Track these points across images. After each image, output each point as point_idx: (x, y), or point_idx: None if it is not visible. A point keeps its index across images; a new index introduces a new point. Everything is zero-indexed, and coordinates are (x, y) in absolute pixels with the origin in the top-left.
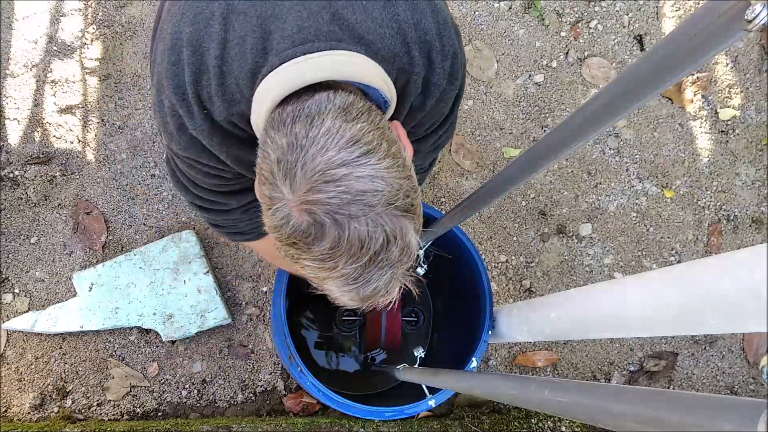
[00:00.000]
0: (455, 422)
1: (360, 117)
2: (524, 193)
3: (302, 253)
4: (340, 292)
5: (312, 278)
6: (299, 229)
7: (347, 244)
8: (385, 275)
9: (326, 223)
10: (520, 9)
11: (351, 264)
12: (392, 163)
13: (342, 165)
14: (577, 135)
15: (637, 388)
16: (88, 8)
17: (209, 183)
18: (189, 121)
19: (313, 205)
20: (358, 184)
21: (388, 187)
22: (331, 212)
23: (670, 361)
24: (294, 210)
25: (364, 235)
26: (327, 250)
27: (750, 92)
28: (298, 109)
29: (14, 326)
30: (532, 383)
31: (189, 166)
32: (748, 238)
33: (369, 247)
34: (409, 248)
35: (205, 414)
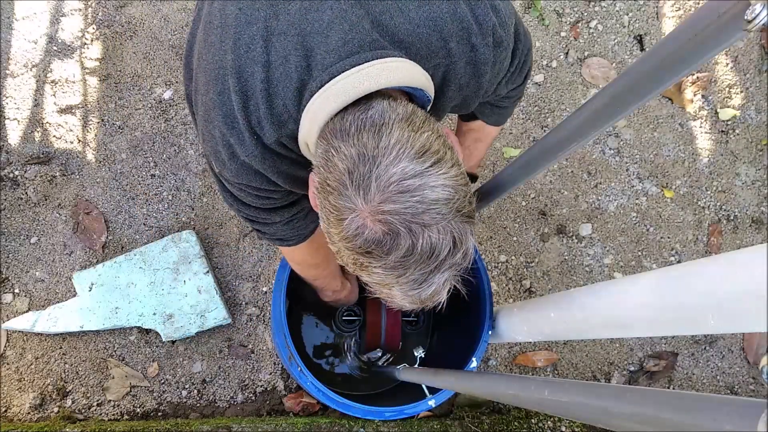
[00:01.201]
0: (455, 422)
1: (423, 126)
2: (524, 193)
3: (374, 262)
4: (402, 296)
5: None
6: (374, 238)
7: (420, 252)
8: (445, 278)
9: (401, 233)
10: (520, 9)
11: (420, 270)
12: (458, 171)
13: (416, 176)
14: (577, 135)
15: (637, 388)
16: (88, 8)
17: (258, 203)
18: (240, 148)
19: (388, 215)
20: (432, 193)
21: (457, 194)
22: (407, 222)
23: (670, 361)
24: (368, 220)
25: (435, 243)
26: (400, 258)
27: (750, 92)
28: (361, 118)
29: (14, 326)
30: (532, 383)
31: (240, 190)
32: (748, 238)
33: (439, 254)
34: (469, 252)
35: (205, 414)
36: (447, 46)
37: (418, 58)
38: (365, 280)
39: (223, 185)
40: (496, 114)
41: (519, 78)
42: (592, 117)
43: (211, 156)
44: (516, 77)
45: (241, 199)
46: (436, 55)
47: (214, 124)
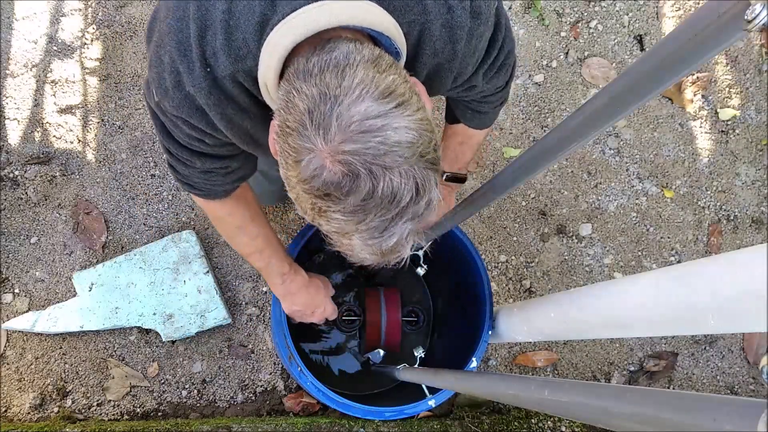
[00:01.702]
0: (455, 422)
1: (390, 69)
2: (524, 193)
3: (332, 206)
4: (362, 246)
5: (333, 233)
6: (333, 180)
7: (380, 196)
8: (407, 228)
9: (361, 174)
10: (520, 9)
11: (380, 216)
12: (423, 116)
13: (379, 116)
14: (577, 135)
15: (637, 388)
16: (88, 8)
17: (186, 141)
18: (188, 77)
19: (348, 156)
20: (395, 135)
21: (421, 138)
22: (367, 163)
23: (670, 361)
24: (327, 160)
25: (397, 187)
26: (359, 201)
27: (750, 92)
28: (325, 59)
29: (14, 326)
30: (532, 383)
31: (173, 124)
32: (748, 238)
33: (400, 200)
34: (432, 202)
35: (205, 414)
36: (423, 2)
37: (392, 9)
38: (324, 230)
39: (156, 116)
40: (477, 119)
41: (498, 77)
42: (592, 117)
43: (154, 83)
44: (496, 75)
45: (171, 132)
46: (411, 11)
47: (166, 50)
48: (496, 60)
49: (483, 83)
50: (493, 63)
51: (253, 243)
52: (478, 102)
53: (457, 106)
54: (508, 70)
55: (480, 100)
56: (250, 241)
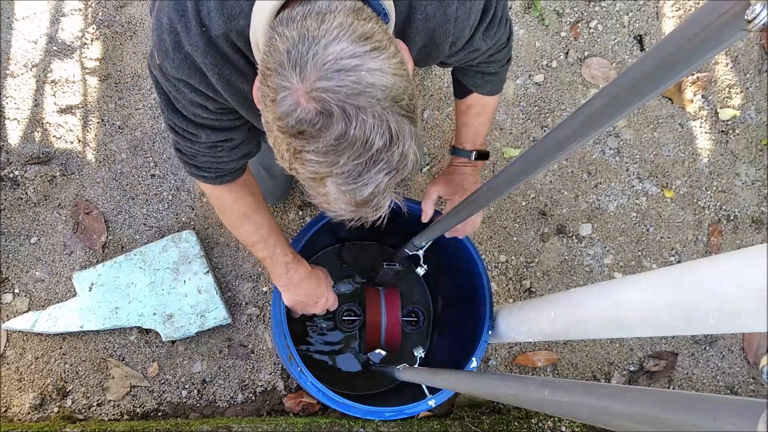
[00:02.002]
0: (455, 422)
1: (370, 20)
2: (524, 193)
3: (306, 145)
4: (337, 193)
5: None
6: (306, 117)
7: (353, 136)
8: (382, 180)
9: (335, 112)
10: (520, 9)
11: (353, 160)
12: (399, 64)
13: (354, 56)
14: (577, 135)
15: (637, 388)
16: (88, 8)
17: (189, 110)
18: (186, 37)
19: (322, 93)
20: (369, 76)
21: (395, 84)
22: (341, 101)
23: (670, 361)
24: (302, 98)
25: (370, 129)
26: (333, 141)
27: (750, 92)
28: (308, 8)
29: (14, 326)
30: (532, 383)
31: (176, 89)
32: (748, 238)
33: (373, 143)
34: (407, 156)
35: (205, 414)
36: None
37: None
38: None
39: (160, 87)
40: (489, 83)
41: (499, 34)
42: (592, 117)
43: (156, 46)
44: (495, 32)
45: (174, 103)
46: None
47: (164, 12)
48: (494, 17)
49: (485, 43)
50: (492, 21)
51: (257, 232)
52: (486, 63)
53: (466, 74)
54: (505, 24)
55: (487, 60)
56: (255, 229)
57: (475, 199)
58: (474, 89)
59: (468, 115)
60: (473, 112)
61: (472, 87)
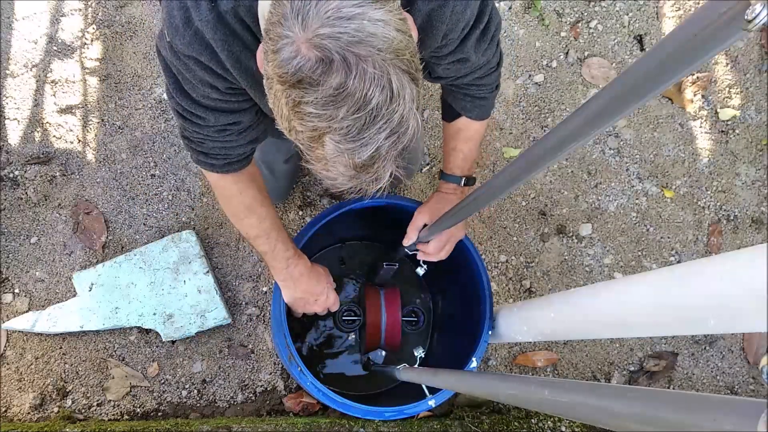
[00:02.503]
0: (455, 422)
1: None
2: (524, 193)
3: (305, 95)
4: (335, 153)
5: (308, 137)
6: (306, 65)
7: (353, 87)
8: (383, 142)
9: (335, 60)
10: (520, 9)
11: (353, 114)
12: (403, 21)
13: (357, 5)
14: (577, 135)
15: (637, 388)
16: (88, 8)
17: (199, 91)
18: (196, 12)
19: (323, 40)
20: (371, 26)
21: (398, 37)
22: (341, 48)
23: (670, 361)
24: (302, 45)
25: (370, 81)
26: (333, 90)
27: (750, 92)
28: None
29: (14, 326)
30: (532, 383)
31: (186, 67)
32: (748, 238)
33: (373, 96)
34: (407, 120)
35: (205, 414)
36: None
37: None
38: (300, 138)
39: (168, 67)
40: (478, 107)
41: (490, 51)
42: (592, 117)
43: (166, 23)
44: (487, 47)
45: (183, 85)
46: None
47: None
48: (487, 30)
49: (476, 56)
50: (485, 32)
51: (260, 225)
52: (476, 86)
53: (456, 97)
54: (497, 46)
55: (476, 82)
56: (258, 222)
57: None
58: (463, 113)
59: (457, 140)
60: (462, 136)
61: (461, 110)
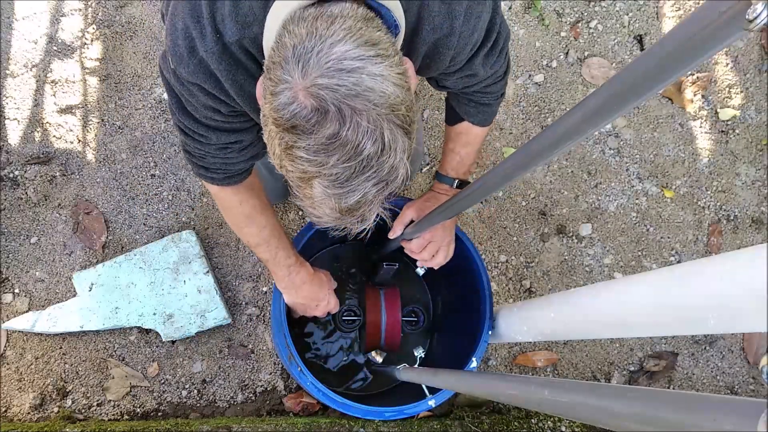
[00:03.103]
0: (455, 422)
1: (380, 30)
2: (524, 193)
3: (298, 140)
4: (322, 196)
5: (298, 178)
6: (302, 112)
7: (345, 138)
8: (370, 189)
9: (330, 111)
10: (520, 9)
11: (343, 163)
12: (402, 75)
13: (357, 59)
14: (575, 133)
15: (636, 388)
16: (88, 8)
17: (202, 113)
18: (201, 42)
19: (321, 89)
20: (369, 80)
21: (394, 93)
22: (337, 100)
23: (670, 361)
24: (300, 93)
25: (363, 133)
26: (325, 139)
27: (750, 92)
28: (320, 11)
29: (14, 326)
30: (532, 383)
31: (189, 93)
32: (748, 238)
33: (364, 148)
34: (397, 169)
35: (205, 414)
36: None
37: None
38: (290, 177)
39: (172, 89)
40: (481, 113)
41: (498, 64)
42: (591, 114)
43: (170, 50)
44: (495, 61)
45: (186, 106)
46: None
47: (179, 17)
48: (495, 46)
49: (483, 70)
50: (493, 47)
51: (260, 234)
52: (482, 93)
53: (460, 101)
54: (505, 57)
55: (483, 90)
56: (258, 231)
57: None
58: (466, 117)
59: (456, 143)
60: (462, 140)
61: (464, 115)
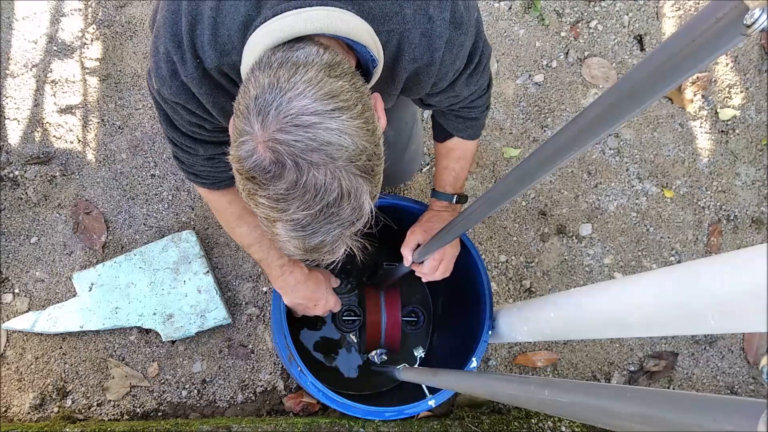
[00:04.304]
0: (455, 422)
1: (343, 77)
2: (524, 193)
3: (258, 189)
4: (287, 237)
5: (263, 218)
6: (261, 164)
7: (302, 188)
8: (333, 231)
9: (287, 164)
10: (520, 9)
11: (302, 210)
12: (362, 125)
13: (314, 114)
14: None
15: (636, 388)
16: (88, 8)
17: (187, 128)
18: (182, 67)
19: (278, 144)
20: (326, 134)
21: (353, 145)
22: (294, 155)
23: (670, 361)
24: (260, 145)
25: (320, 185)
26: (283, 190)
27: (750, 92)
28: (287, 56)
29: (14, 326)
30: (532, 383)
31: (174, 111)
32: (748, 238)
33: (323, 197)
34: (361, 210)
35: (205, 414)
36: (402, 11)
37: (371, 18)
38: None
39: (159, 104)
40: (469, 127)
41: (481, 80)
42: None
43: (153, 72)
44: (478, 78)
45: (173, 121)
46: (390, 20)
47: (161, 41)
48: (478, 65)
49: (467, 89)
50: (475, 69)
51: (252, 233)
52: (468, 109)
53: (447, 118)
54: (486, 72)
55: (468, 106)
56: (249, 231)
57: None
58: (455, 133)
59: (449, 159)
60: (454, 155)
61: (453, 131)
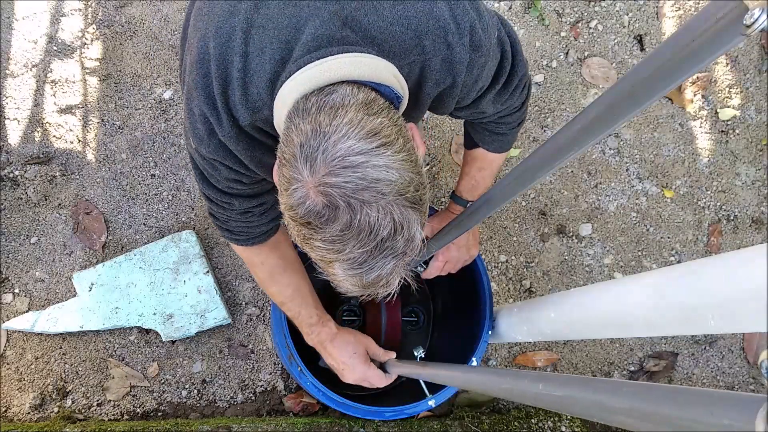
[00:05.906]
0: (455, 422)
1: (381, 113)
2: (524, 193)
3: (314, 233)
4: (344, 276)
5: (319, 260)
6: (314, 209)
7: (357, 228)
8: (388, 264)
9: (340, 206)
10: (520, 9)
11: (358, 248)
12: (406, 157)
13: (360, 153)
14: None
15: (633, 383)
16: (88, 8)
17: (224, 184)
18: (218, 128)
19: (329, 188)
20: (374, 172)
21: (400, 178)
22: (346, 196)
23: (670, 361)
24: (311, 191)
25: (374, 221)
26: (338, 232)
27: (750, 92)
28: (323, 100)
29: (14, 326)
30: (526, 377)
31: (212, 167)
32: (748, 238)
33: (377, 233)
34: (413, 241)
35: (205, 414)
36: (421, 44)
37: (391, 55)
38: (312, 257)
39: (195, 163)
40: (496, 141)
41: (511, 101)
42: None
43: (190, 132)
44: (507, 99)
45: (209, 179)
46: (410, 53)
47: (195, 103)
48: (508, 85)
49: (494, 107)
50: (504, 88)
51: (283, 293)
52: (496, 123)
53: (475, 129)
54: (522, 92)
55: (496, 121)
56: (280, 290)
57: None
58: (481, 144)
59: (472, 167)
60: (477, 165)
61: (479, 142)
